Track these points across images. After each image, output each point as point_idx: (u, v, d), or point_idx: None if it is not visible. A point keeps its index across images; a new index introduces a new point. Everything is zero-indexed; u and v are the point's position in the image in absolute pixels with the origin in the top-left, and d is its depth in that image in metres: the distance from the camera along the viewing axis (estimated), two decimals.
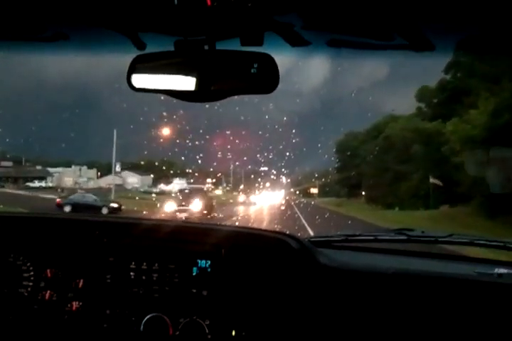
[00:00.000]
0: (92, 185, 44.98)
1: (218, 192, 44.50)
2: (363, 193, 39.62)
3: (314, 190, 51.28)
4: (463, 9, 1.25)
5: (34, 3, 1.35)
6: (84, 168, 47.96)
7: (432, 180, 25.97)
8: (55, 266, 1.79)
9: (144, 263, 1.70)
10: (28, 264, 1.81)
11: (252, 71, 1.30)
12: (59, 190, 34.42)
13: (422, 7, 1.24)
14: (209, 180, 45.78)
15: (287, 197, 41.14)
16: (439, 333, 1.49)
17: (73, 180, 45.82)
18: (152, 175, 46.87)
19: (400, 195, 30.83)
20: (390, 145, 32.61)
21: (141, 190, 41.86)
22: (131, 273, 1.71)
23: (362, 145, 39.55)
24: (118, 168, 30.50)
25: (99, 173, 48.18)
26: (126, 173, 48.24)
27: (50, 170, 44.50)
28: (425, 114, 33.42)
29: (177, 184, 41.15)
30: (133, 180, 48.10)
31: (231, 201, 33.53)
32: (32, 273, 1.80)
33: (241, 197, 35.21)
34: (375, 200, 34.29)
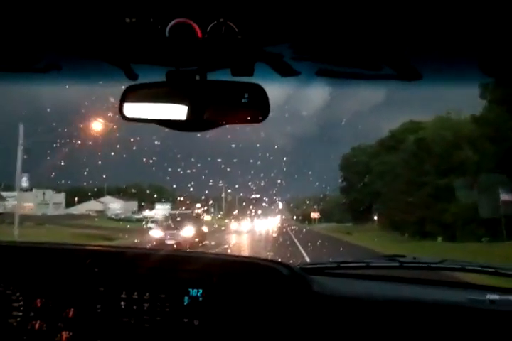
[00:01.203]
0: (59, 212, 39.54)
1: (207, 218, 42.36)
2: (375, 218, 34.49)
3: (315, 215, 46.91)
4: (451, 39, 1.29)
5: (27, 35, 1.37)
6: (49, 191, 40.27)
7: (503, 196, 16.35)
8: (45, 295, 1.76)
9: (135, 293, 1.68)
10: (18, 294, 1.77)
11: (243, 101, 1.32)
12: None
13: (408, 38, 1.28)
14: (198, 205, 43.54)
15: (285, 224, 39.02)
16: None
17: (36, 205, 38.16)
18: (138, 202, 44.35)
19: (445, 219, 21.56)
20: (425, 151, 24.24)
21: (122, 216, 38.83)
22: (122, 303, 1.68)
23: (373, 159, 33.73)
24: (25, 183, 22.91)
25: (75, 199, 44.57)
26: (108, 199, 45.57)
27: (3, 194, 34.55)
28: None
29: (159, 209, 38.75)
30: (115, 205, 44.53)
31: (223, 228, 30.88)
32: (21, 302, 1.76)
33: (233, 225, 32.30)
34: (396, 226, 26.44)
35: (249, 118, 1.35)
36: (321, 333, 1.55)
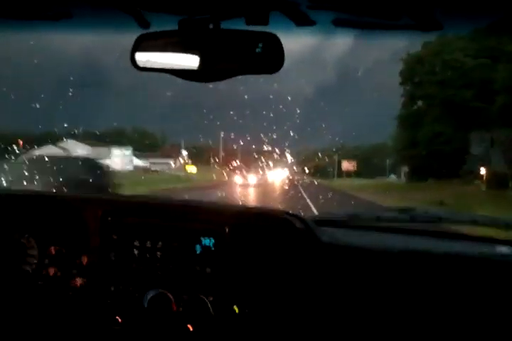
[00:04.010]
0: None
1: (192, 169, 35.20)
2: (481, 171, 21.61)
3: (350, 166, 35.81)
4: None
5: None
6: None
7: None
8: (59, 243, 1.81)
9: (148, 242, 1.72)
10: (32, 242, 1.83)
11: (257, 51, 1.29)
12: None
13: None
14: (185, 153, 37.12)
15: (296, 177, 33.76)
16: (442, 312, 1.50)
17: None
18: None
19: None
20: None
21: None
22: (135, 251, 1.73)
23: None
24: None
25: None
26: (72, 144, 34.14)
27: None
28: None
29: (117, 156, 29.78)
30: (80, 152, 32.12)
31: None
32: (36, 250, 1.83)
33: (237, 178, 26.20)
34: None
35: (263, 68, 1.33)
36: (331, 283, 1.59)
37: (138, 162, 35.16)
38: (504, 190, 18.96)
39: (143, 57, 1.35)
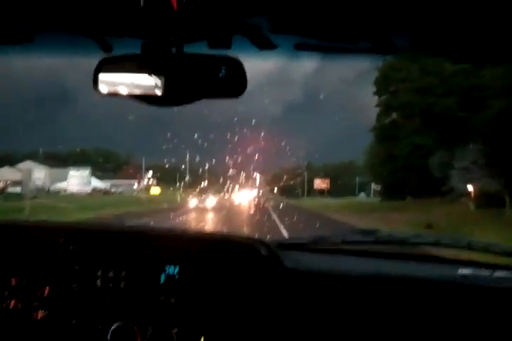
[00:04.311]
0: None
1: (155, 190, 33.61)
2: (468, 188, 19.24)
3: (322, 184, 33.67)
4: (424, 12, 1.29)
5: None
6: None
7: None
8: (20, 274, 1.75)
9: (111, 271, 1.68)
10: None
11: (220, 75, 1.31)
12: None
13: (386, 12, 1.27)
14: (150, 174, 35.02)
15: (262, 199, 32.58)
16: (403, 335, 1.52)
17: None
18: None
19: None
20: None
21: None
22: (98, 281, 1.68)
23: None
24: None
25: None
26: (29, 165, 32.66)
27: None
28: None
29: (74, 177, 28.73)
30: (38, 174, 31.49)
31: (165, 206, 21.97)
32: None
33: (192, 201, 24.09)
34: None
35: (226, 92, 1.34)
36: (296, 309, 1.59)
37: (98, 183, 33.67)
38: (498, 209, 16.63)
39: (106, 82, 1.34)
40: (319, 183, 34.40)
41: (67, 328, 1.67)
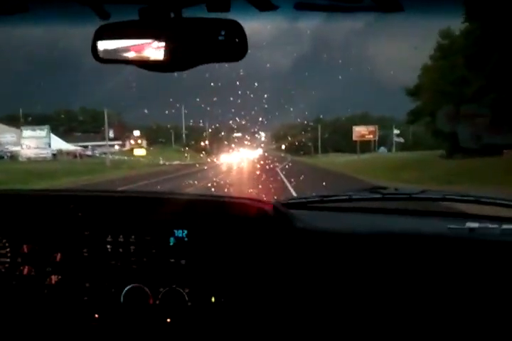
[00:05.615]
0: None
1: (140, 152, 31.46)
2: None
3: (367, 134, 25.02)
4: None
5: None
6: None
7: None
8: (32, 241, 1.79)
9: (121, 236, 1.71)
10: (4, 241, 1.81)
11: (220, 38, 1.28)
12: None
13: None
14: (137, 134, 33.08)
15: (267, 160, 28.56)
16: (415, 291, 1.54)
17: None
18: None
19: None
20: None
21: None
22: (108, 246, 1.72)
23: None
24: None
25: None
26: None
27: None
28: None
29: (27, 139, 24.72)
30: (8, 137, 27.10)
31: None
32: (8, 249, 1.80)
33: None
34: None
35: (227, 55, 1.32)
36: (305, 269, 1.61)
37: (64, 145, 29.78)
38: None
39: (104, 49, 1.32)
40: (362, 133, 24.75)
41: (81, 292, 1.72)
